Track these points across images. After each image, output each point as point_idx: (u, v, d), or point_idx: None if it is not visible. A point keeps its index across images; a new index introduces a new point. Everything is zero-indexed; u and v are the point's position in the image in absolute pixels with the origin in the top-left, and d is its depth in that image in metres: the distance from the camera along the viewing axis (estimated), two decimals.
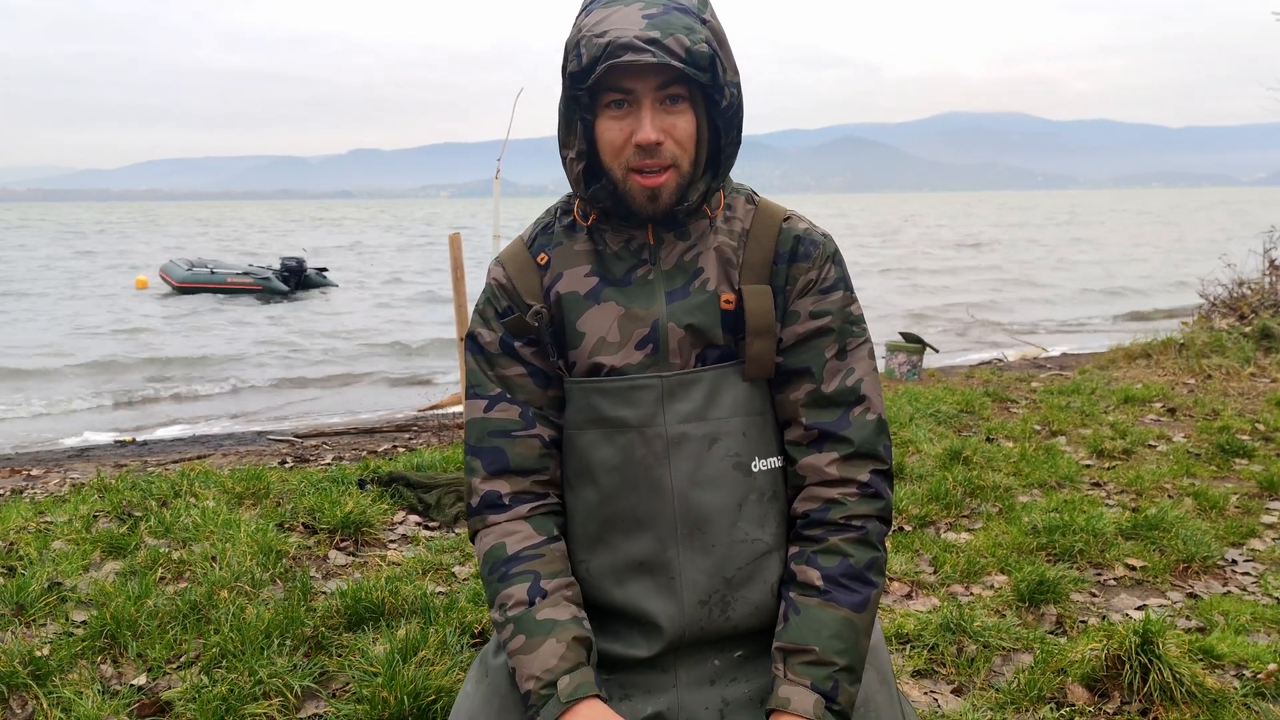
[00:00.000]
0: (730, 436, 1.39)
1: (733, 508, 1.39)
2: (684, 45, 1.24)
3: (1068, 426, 5.54)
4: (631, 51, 1.23)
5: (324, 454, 5.74)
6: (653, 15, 1.25)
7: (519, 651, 1.33)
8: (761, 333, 1.39)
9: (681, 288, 1.40)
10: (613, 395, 1.39)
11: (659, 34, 1.24)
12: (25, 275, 26.50)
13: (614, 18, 1.25)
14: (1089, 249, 37.05)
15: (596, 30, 1.26)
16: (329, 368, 12.78)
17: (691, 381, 1.38)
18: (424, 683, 2.35)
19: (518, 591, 1.36)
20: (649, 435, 1.37)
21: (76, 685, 2.43)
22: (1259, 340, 7.76)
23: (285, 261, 22.49)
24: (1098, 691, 2.49)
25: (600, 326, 1.40)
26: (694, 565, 1.39)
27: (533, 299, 1.44)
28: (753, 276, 1.40)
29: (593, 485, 1.42)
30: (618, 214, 1.38)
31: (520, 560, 1.39)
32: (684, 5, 1.28)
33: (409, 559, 3.42)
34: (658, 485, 1.38)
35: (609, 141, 1.32)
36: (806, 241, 1.42)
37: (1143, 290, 21.74)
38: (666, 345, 1.38)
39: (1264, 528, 3.84)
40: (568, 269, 1.43)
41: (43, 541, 3.43)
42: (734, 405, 1.39)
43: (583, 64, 1.27)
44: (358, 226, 70.07)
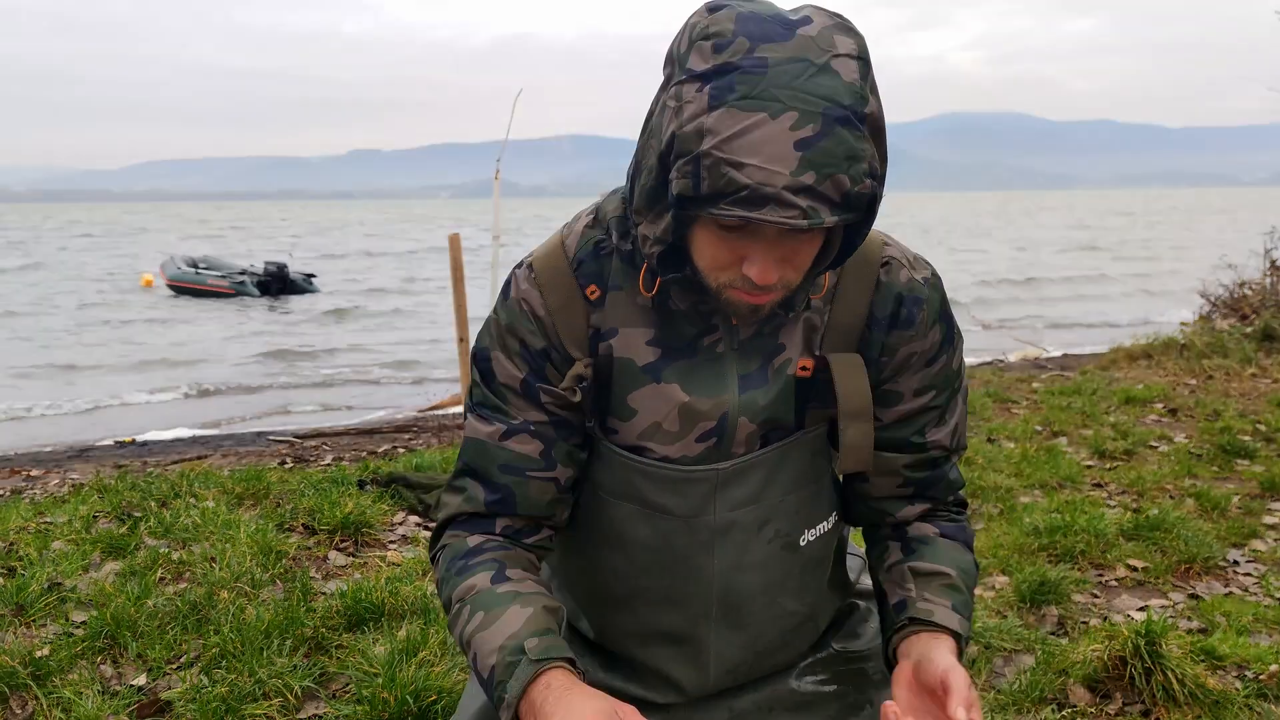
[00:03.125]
0: (781, 516, 1.22)
1: (775, 586, 1.26)
2: (843, 190, 0.92)
3: (1069, 427, 5.54)
4: (776, 207, 0.90)
5: (324, 454, 5.73)
6: (809, 141, 0.89)
7: (478, 630, 1.09)
8: (857, 416, 1.16)
9: (759, 370, 1.16)
10: (658, 481, 1.19)
11: (814, 178, 0.90)
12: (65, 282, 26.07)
13: (755, 139, 0.89)
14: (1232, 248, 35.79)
15: (729, 155, 0.90)
16: (328, 368, 12.78)
17: (749, 468, 1.19)
18: (424, 683, 2.35)
19: (479, 580, 1.14)
20: (695, 525, 1.20)
21: (76, 685, 2.43)
22: (1260, 341, 7.75)
23: (267, 265, 22.23)
24: (1099, 692, 2.48)
25: (657, 411, 1.16)
26: (725, 640, 1.27)
27: (576, 349, 1.16)
28: (839, 341, 1.17)
29: (623, 555, 1.25)
30: (695, 291, 1.09)
31: (483, 551, 1.18)
32: (847, 109, 0.91)
33: (409, 559, 3.41)
34: (698, 573, 1.22)
35: (711, 256, 1.02)
36: (909, 301, 1.17)
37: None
38: (732, 439, 1.17)
39: (1266, 528, 3.83)
40: (625, 326, 1.16)
41: (42, 542, 3.43)
42: (791, 483, 1.21)
43: (701, 191, 0.92)
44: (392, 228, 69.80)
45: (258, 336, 15.69)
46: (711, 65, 0.92)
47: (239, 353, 13.89)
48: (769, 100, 0.90)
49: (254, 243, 44.23)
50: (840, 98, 0.91)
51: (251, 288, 21.02)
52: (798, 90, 0.90)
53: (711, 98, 0.91)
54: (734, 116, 0.90)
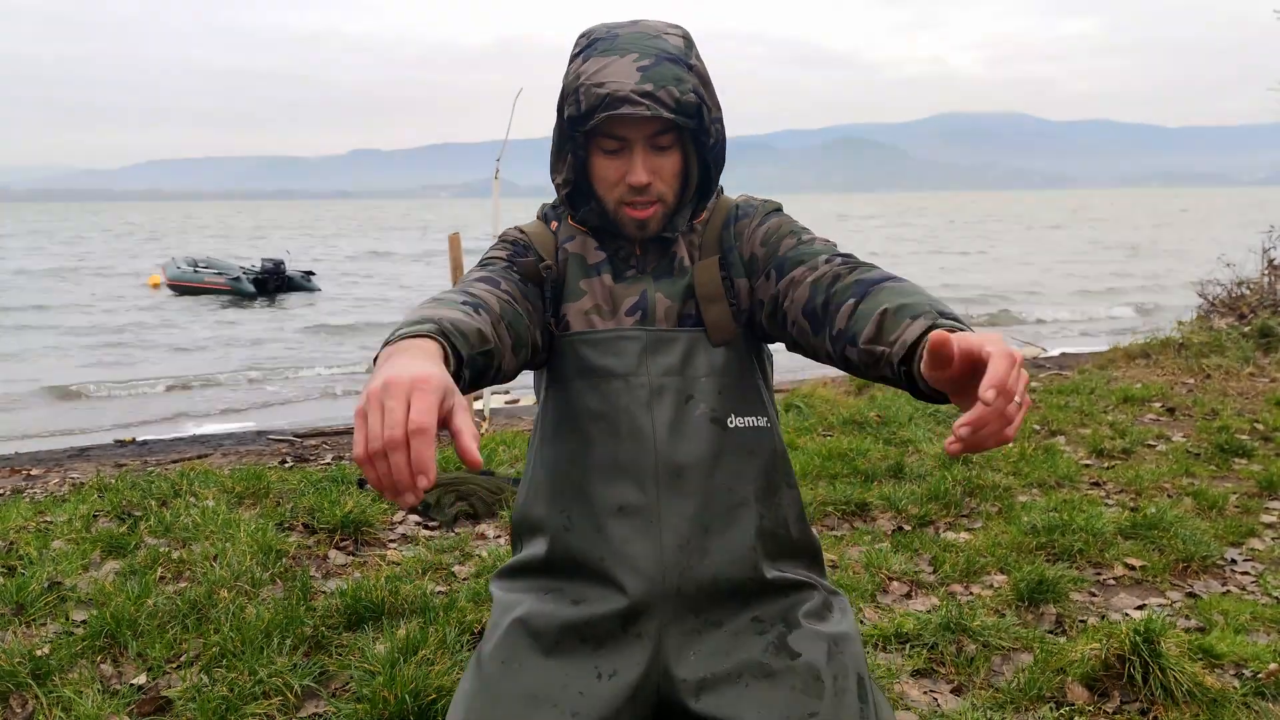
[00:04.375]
0: (705, 394, 1.48)
1: (709, 458, 1.47)
2: (674, 96, 1.36)
3: (1067, 426, 5.54)
4: (628, 104, 1.34)
5: (324, 453, 5.74)
6: (645, 67, 1.36)
7: (419, 309, 1.23)
8: (712, 300, 1.50)
9: (665, 271, 1.54)
10: (600, 346, 1.49)
11: (651, 87, 1.35)
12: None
13: (611, 69, 1.36)
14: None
15: (595, 80, 1.36)
16: (325, 368, 12.77)
17: (670, 339, 1.49)
18: (424, 682, 2.35)
19: (453, 299, 1.31)
20: (633, 384, 1.47)
21: (76, 685, 2.43)
22: (1258, 340, 7.76)
23: (264, 263, 22.18)
24: (1097, 691, 2.49)
25: (598, 293, 1.52)
26: (673, 509, 1.45)
27: (547, 255, 1.56)
28: (706, 251, 1.54)
29: (577, 434, 1.50)
30: (607, 231, 1.53)
31: (475, 296, 1.35)
32: (672, 54, 1.39)
33: (409, 558, 3.42)
34: (640, 432, 1.46)
35: (602, 178, 1.46)
36: (745, 206, 1.57)
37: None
38: (654, 313, 1.50)
39: (1263, 527, 3.84)
40: (578, 235, 1.57)
41: (43, 541, 3.43)
42: (708, 366, 1.49)
43: (581, 110, 1.38)
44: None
45: (270, 330, 15.71)
46: (584, 45, 1.43)
47: (249, 352, 13.89)
48: (619, 50, 1.38)
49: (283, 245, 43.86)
50: (668, 49, 1.39)
51: (247, 284, 21.01)
52: (638, 43, 1.39)
53: (583, 58, 1.40)
54: (596, 61, 1.38)
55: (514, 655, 1.42)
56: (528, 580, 1.54)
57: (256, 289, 21.18)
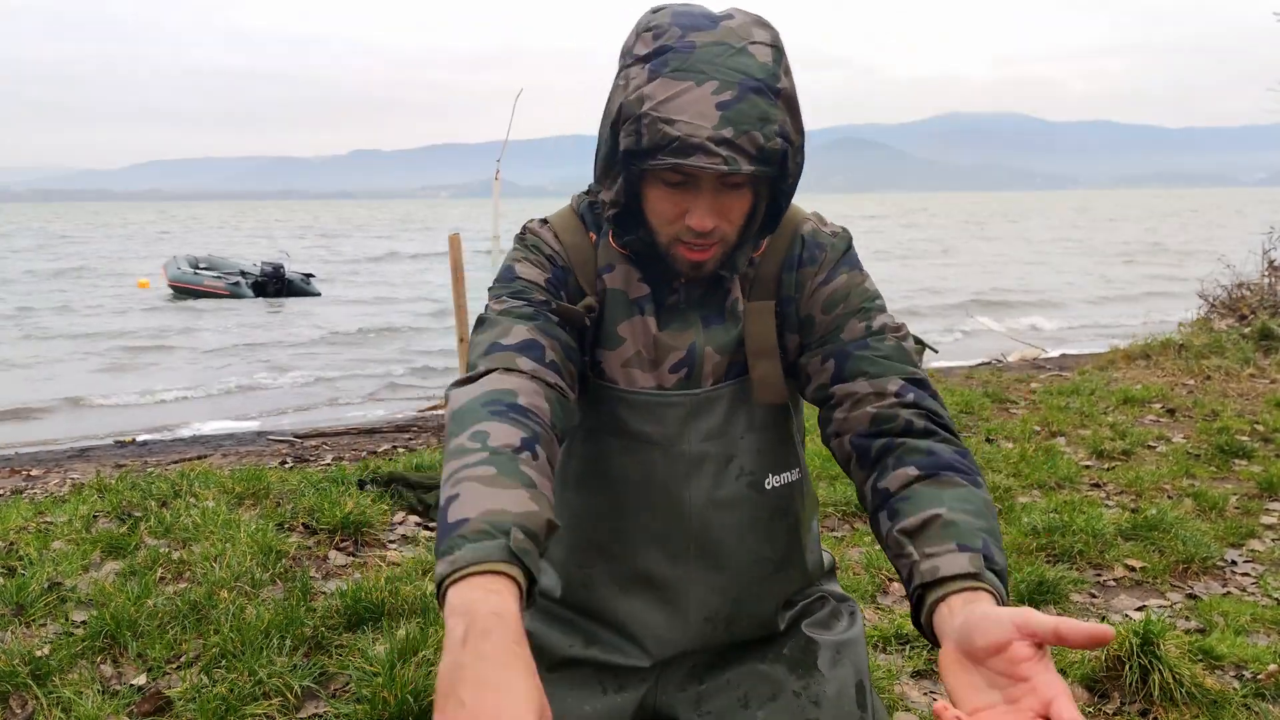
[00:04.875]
0: (745, 454, 1.33)
1: (745, 526, 1.35)
2: (757, 144, 1.11)
3: (1067, 427, 5.54)
4: (702, 154, 1.10)
5: (324, 454, 5.74)
6: (727, 104, 1.10)
7: (477, 481, 1.00)
8: (763, 354, 1.31)
9: (716, 314, 1.32)
10: (640, 409, 1.31)
11: (732, 133, 1.10)
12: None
13: (684, 102, 1.10)
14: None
15: (663, 114, 1.11)
16: (326, 367, 12.78)
17: (715, 398, 1.31)
18: (424, 683, 2.36)
19: (508, 431, 1.05)
20: (672, 454, 1.31)
21: (76, 685, 2.43)
22: (1258, 341, 7.77)
23: (264, 266, 22.07)
24: (1098, 692, 2.49)
25: (640, 339, 1.31)
26: (703, 583, 1.35)
27: (586, 284, 1.31)
28: (762, 291, 1.32)
29: (606, 494, 1.35)
30: (654, 260, 1.29)
31: (528, 414, 1.10)
32: (759, 81, 1.12)
33: (409, 559, 3.42)
34: (677, 506, 1.32)
35: (658, 212, 1.21)
36: (812, 245, 1.32)
37: None
38: (701, 370, 1.31)
39: (1263, 528, 3.84)
40: (619, 263, 1.32)
41: (43, 541, 3.43)
42: (748, 422, 1.33)
43: (642, 145, 1.13)
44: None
45: (265, 330, 15.71)
46: (651, 49, 1.14)
47: (247, 353, 13.90)
48: (695, 72, 1.11)
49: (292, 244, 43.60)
50: (754, 73, 1.12)
51: (246, 289, 20.94)
52: (719, 65, 1.11)
53: (650, 72, 1.13)
54: (667, 85, 1.11)
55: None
56: (541, 599, 1.44)
57: (256, 293, 21.14)
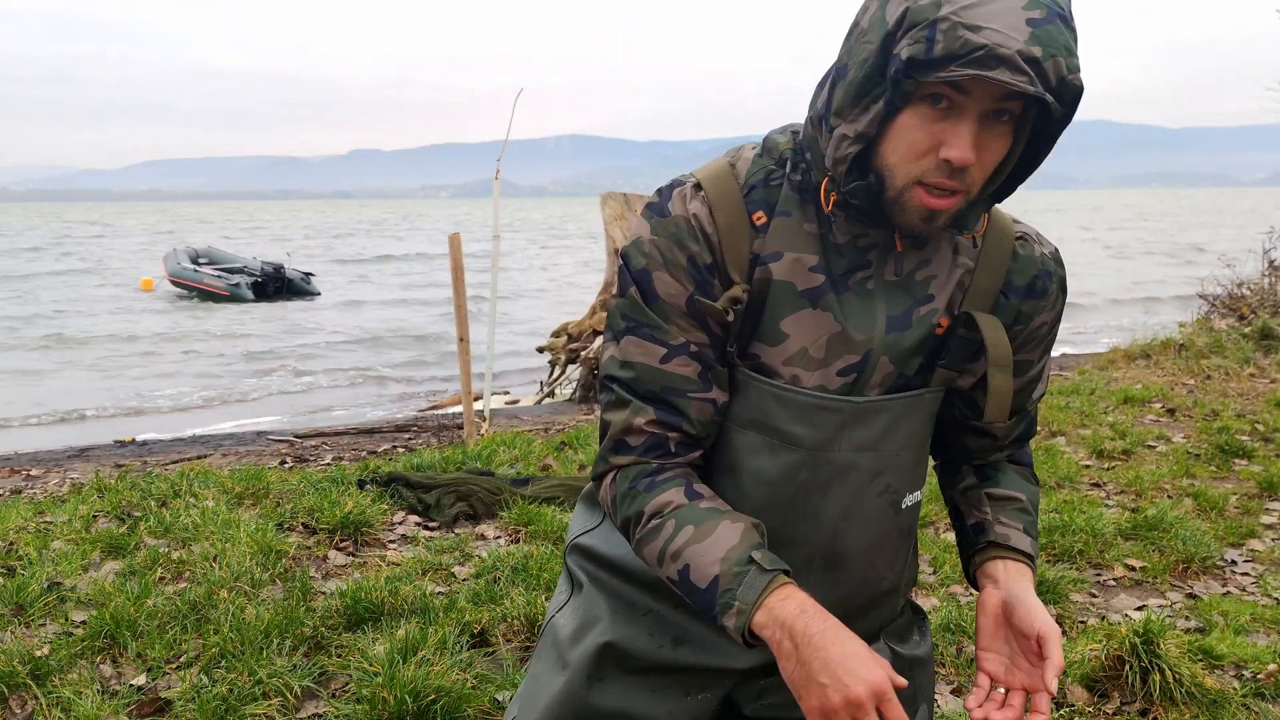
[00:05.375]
0: (893, 470, 1.25)
1: (876, 545, 1.29)
2: (1060, 73, 0.99)
3: (1067, 427, 5.54)
4: (1009, 70, 0.97)
5: (323, 454, 5.74)
6: (1037, 21, 0.98)
7: (689, 545, 1.11)
8: (1004, 367, 1.22)
9: (904, 314, 1.20)
10: (794, 408, 1.20)
11: (1041, 52, 0.98)
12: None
13: (992, 9, 0.98)
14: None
15: (969, 20, 0.97)
16: (327, 368, 12.78)
17: (879, 410, 1.21)
18: (424, 683, 2.35)
19: (673, 495, 1.16)
20: (819, 459, 1.21)
21: (76, 685, 2.43)
22: (1258, 341, 7.77)
23: (264, 266, 21.97)
24: (1097, 692, 2.49)
25: (807, 336, 1.19)
26: (821, 596, 1.24)
27: (737, 272, 1.18)
28: (979, 303, 1.23)
29: (737, 489, 1.25)
30: (865, 213, 1.14)
31: (665, 471, 1.19)
32: (1063, 9, 1.01)
33: (408, 559, 3.42)
34: (813, 514, 1.24)
35: (909, 142, 1.06)
36: (1043, 275, 1.25)
37: None
38: (870, 377, 1.21)
39: (1263, 528, 3.84)
40: (790, 250, 1.18)
41: (42, 541, 3.43)
42: (908, 437, 1.25)
43: (933, 54, 0.98)
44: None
45: (263, 330, 15.70)
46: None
47: (248, 352, 13.90)
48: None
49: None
50: (1059, 2, 1.01)
51: (246, 290, 20.87)
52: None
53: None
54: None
55: (599, 671, 1.32)
56: (621, 581, 1.35)
57: (256, 293, 21.09)
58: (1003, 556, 1.24)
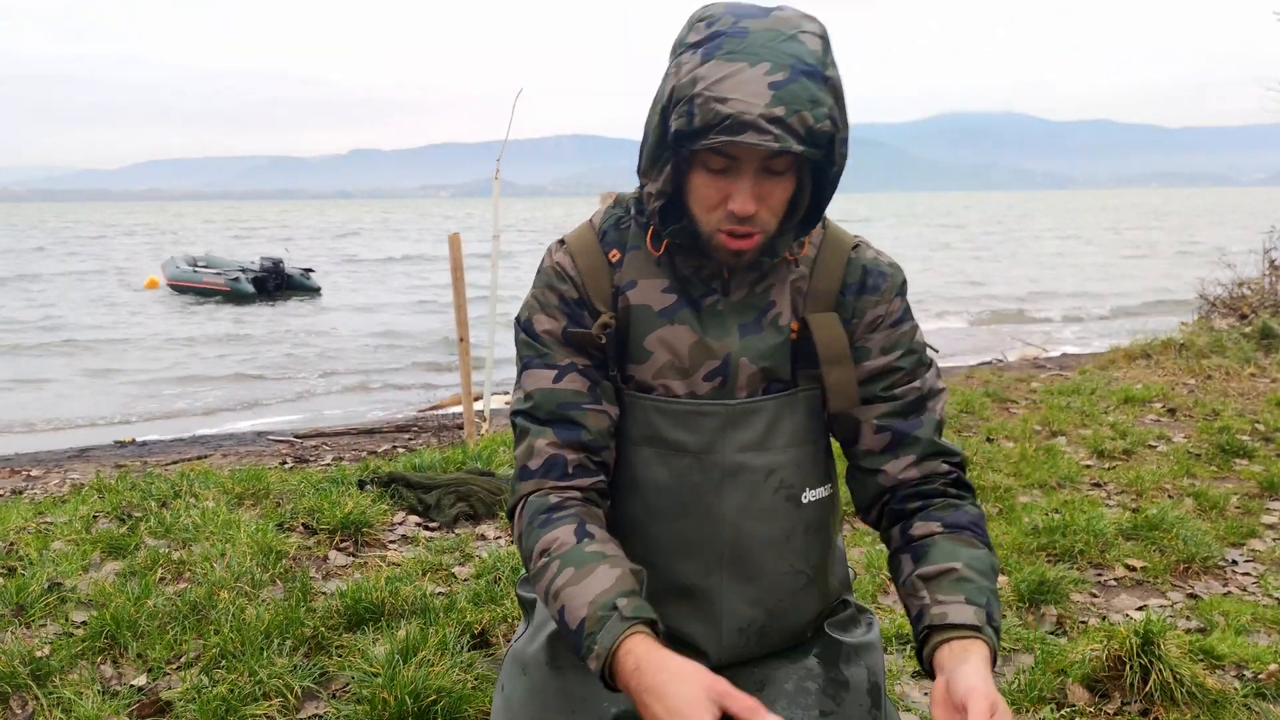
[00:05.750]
0: (786, 467, 1.35)
1: (781, 539, 1.37)
2: (807, 125, 1.14)
3: (1068, 427, 5.54)
4: (754, 132, 1.12)
5: (324, 454, 5.74)
6: (779, 83, 1.12)
7: (567, 585, 1.20)
8: (837, 360, 1.33)
9: (754, 321, 1.34)
10: (674, 417, 1.34)
11: (784, 111, 1.12)
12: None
13: (737, 80, 1.13)
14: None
15: (717, 93, 1.13)
16: (327, 366, 12.78)
17: (755, 410, 1.34)
18: (424, 683, 2.35)
19: (563, 533, 1.25)
20: (706, 463, 1.34)
21: (76, 686, 2.43)
22: (1259, 340, 7.76)
23: (263, 262, 22.01)
24: (1098, 692, 2.49)
25: (671, 348, 1.34)
26: (736, 594, 1.37)
27: (602, 304, 1.35)
28: (819, 305, 1.36)
29: (640, 502, 1.37)
30: (695, 252, 1.32)
31: (563, 508, 1.28)
32: (810, 65, 1.15)
33: (409, 559, 3.42)
34: (710, 513, 1.34)
35: (702, 198, 1.24)
36: (874, 273, 1.37)
37: None
38: (736, 380, 1.33)
39: (1264, 528, 3.84)
40: (643, 278, 1.36)
41: (42, 542, 3.43)
42: (792, 435, 1.36)
43: (694, 126, 1.15)
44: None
45: (263, 330, 15.70)
46: (704, 35, 1.18)
47: (247, 352, 13.89)
48: (749, 54, 1.14)
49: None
50: (805, 58, 1.15)
51: (245, 284, 20.91)
52: (772, 49, 1.15)
53: (704, 55, 1.16)
54: (721, 66, 1.14)
55: (556, 660, 1.41)
56: None
57: (255, 288, 21.12)
58: (946, 639, 1.18)
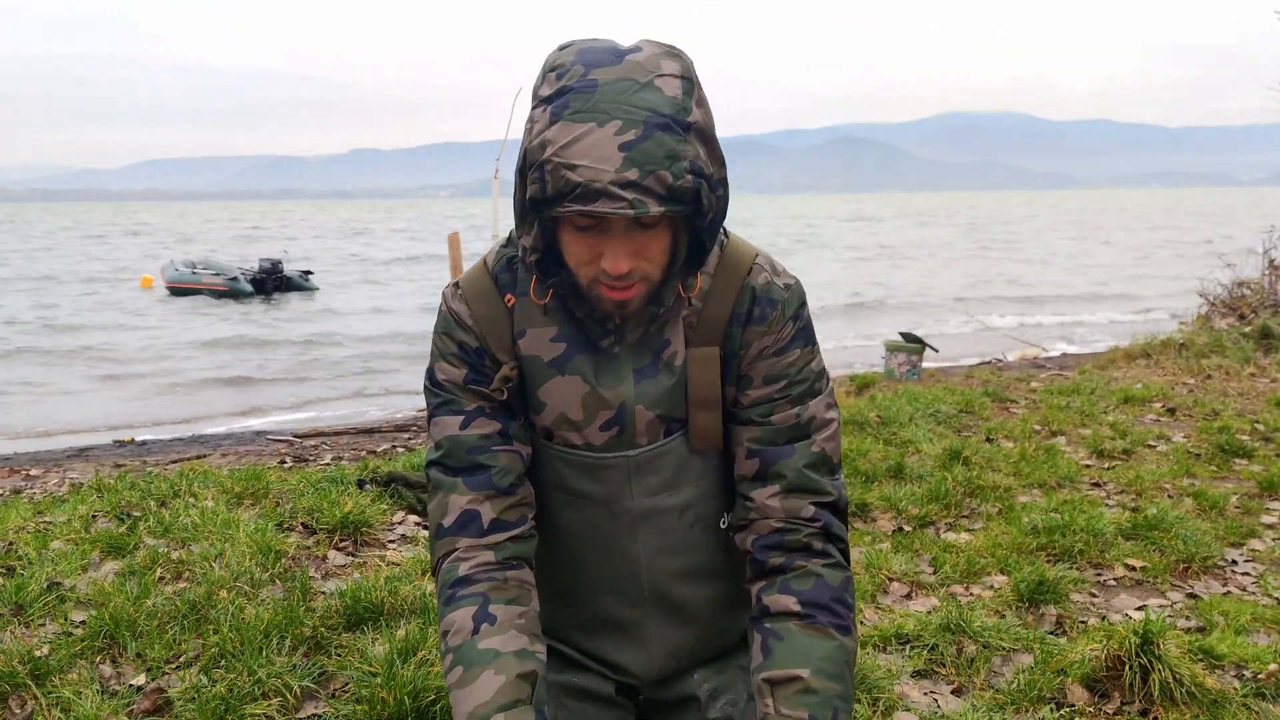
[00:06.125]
0: (698, 501, 1.34)
1: (702, 568, 1.36)
2: (666, 183, 1.05)
3: (1067, 426, 5.54)
4: (606, 200, 1.04)
5: (323, 454, 5.74)
6: (631, 143, 1.04)
7: (454, 687, 1.19)
8: (705, 405, 1.29)
9: (650, 364, 1.29)
10: (577, 468, 1.31)
11: (637, 174, 1.04)
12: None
13: (585, 144, 1.04)
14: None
15: (565, 159, 1.05)
16: (327, 367, 12.78)
17: (658, 456, 1.31)
18: (423, 683, 2.35)
19: (461, 617, 1.23)
20: (615, 510, 1.32)
21: (75, 685, 2.43)
22: (1259, 340, 7.76)
23: (261, 263, 22.07)
24: (1098, 692, 2.49)
25: (563, 401, 1.29)
26: (664, 623, 1.38)
27: (503, 353, 1.30)
28: (705, 336, 1.29)
29: (558, 545, 1.37)
30: (578, 296, 1.25)
31: (471, 583, 1.25)
32: (666, 116, 1.06)
33: (408, 559, 3.41)
34: (627, 555, 1.33)
35: (575, 254, 1.17)
36: (764, 301, 1.29)
37: None
38: (634, 428, 1.29)
39: (1264, 528, 3.84)
40: (532, 326, 1.29)
41: (41, 541, 3.43)
42: (699, 470, 1.33)
43: (546, 193, 1.08)
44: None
45: (262, 329, 15.70)
46: (554, 90, 1.09)
47: (245, 350, 13.89)
48: (597, 113, 1.05)
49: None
50: (661, 108, 1.06)
51: (244, 285, 20.94)
52: (622, 103, 1.05)
53: (552, 115, 1.08)
54: (568, 128, 1.06)
55: (554, 660, 1.44)
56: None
57: (254, 289, 21.14)
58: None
